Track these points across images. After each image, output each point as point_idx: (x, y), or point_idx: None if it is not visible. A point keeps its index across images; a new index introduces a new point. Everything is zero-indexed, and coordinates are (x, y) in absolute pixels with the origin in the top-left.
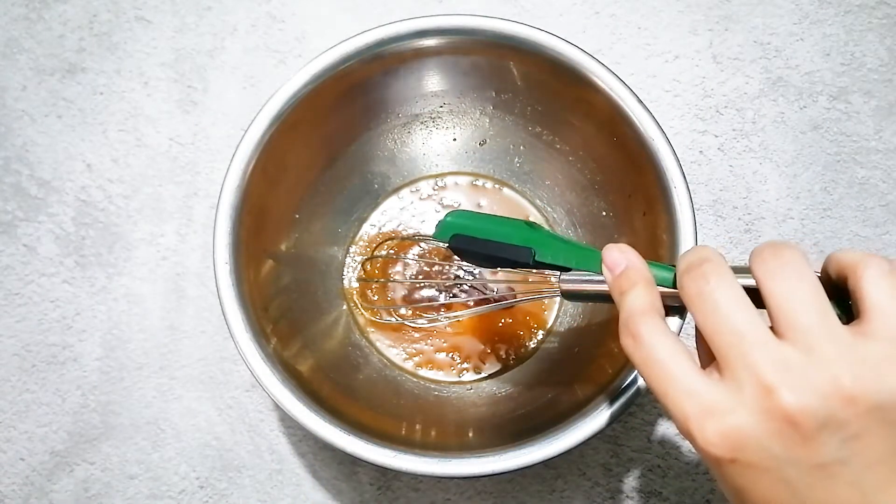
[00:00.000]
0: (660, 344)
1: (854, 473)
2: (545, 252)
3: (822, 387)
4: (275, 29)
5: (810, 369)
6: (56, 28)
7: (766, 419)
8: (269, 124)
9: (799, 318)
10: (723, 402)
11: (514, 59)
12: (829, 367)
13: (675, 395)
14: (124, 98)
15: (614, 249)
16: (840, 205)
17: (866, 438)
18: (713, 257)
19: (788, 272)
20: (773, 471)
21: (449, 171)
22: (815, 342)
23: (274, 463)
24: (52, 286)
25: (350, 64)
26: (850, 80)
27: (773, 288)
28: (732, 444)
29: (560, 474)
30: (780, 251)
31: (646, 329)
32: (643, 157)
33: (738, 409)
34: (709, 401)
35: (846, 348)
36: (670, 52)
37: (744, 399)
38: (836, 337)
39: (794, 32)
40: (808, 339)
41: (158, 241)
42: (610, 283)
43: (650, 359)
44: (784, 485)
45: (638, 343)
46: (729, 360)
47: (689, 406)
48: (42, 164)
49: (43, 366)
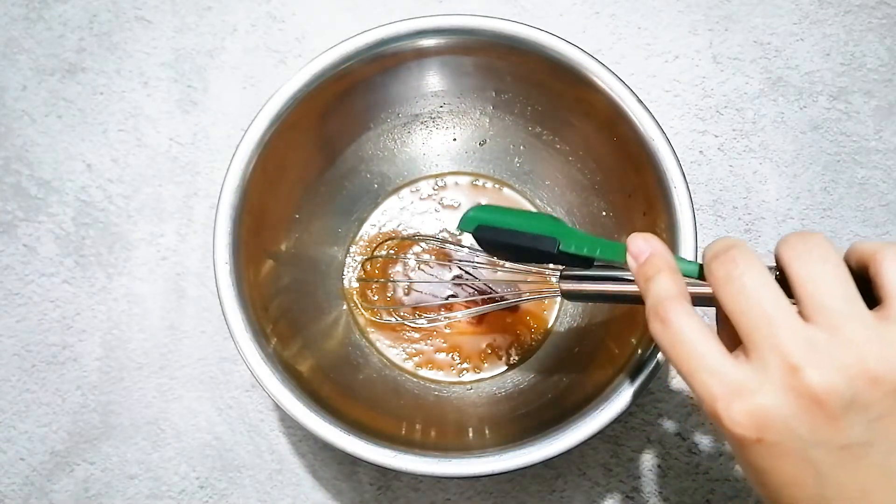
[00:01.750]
0: (688, 326)
1: (880, 455)
2: (569, 242)
3: (848, 367)
4: (275, 29)
5: (836, 350)
6: (56, 28)
7: (792, 398)
8: (269, 124)
9: (825, 300)
10: (749, 381)
11: (514, 59)
12: (855, 348)
13: (702, 376)
14: (124, 98)
15: (639, 238)
16: (840, 205)
17: (892, 420)
18: (741, 244)
19: (815, 256)
20: (798, 451)
21: (449, 171)
22: (840, 323)
23: (274, 463)
24: (52, 286)
25: (350, 64)
26: (850, 80)
27: (800, 270)
28: (758, 423)
29: (560, 474)
30: (806, 237)
31: (675, 313)
32: (643, 157)
33: (765, 388)
34: (736, 381)
35: (871, 330)
36: (670, 52)
37: (770, 378)
38: (861, 319)
39: (794, 32)
40: (833, 321)
41: (158, 241)
42: (635, 271)
43: (679, 341)
44: (809, 466)
45: (667, 326)
46: (755, 340)
47: (717, 386)
48: (42, 164)
49: (43, 366)
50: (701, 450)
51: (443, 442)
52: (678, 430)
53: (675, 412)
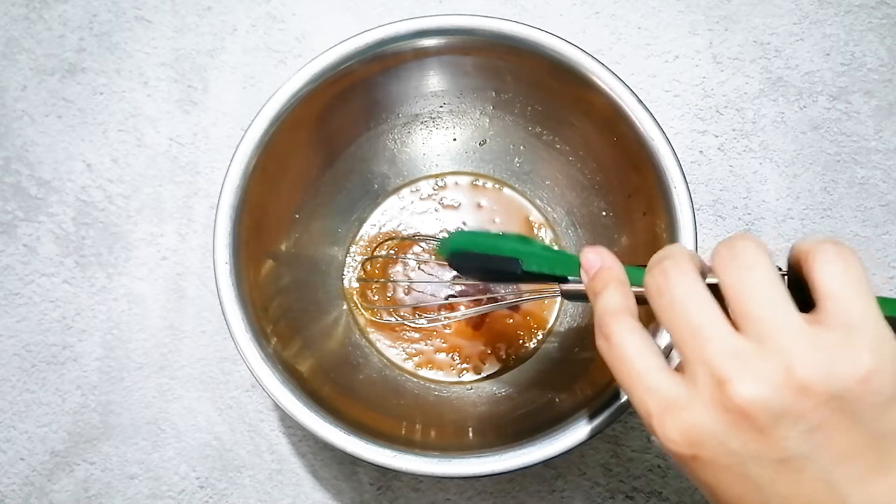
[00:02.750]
0: (629, 342)
1: (821, 468)
2: (531, 262)
3: (774, 377)
4: (275, 29)
5: (763, 360)
6: (56, 28)
7: (720, 413)
8: (269, 124)
9: (750, 308)
10: (681, 397)
11: (514, 59)
12: (782, 357)
13: (639, 392)
14: (124, 98)
15: (590, 252)
16: (840, 205)
17: (828, 431)
18: (676, 254)
19: (740, 263)
20: (735, 466)
21: (449, 170)
22: (767, 332)
23: (274, 463)
24: (52, 286)
25: (350, 64)
26: (850, 80)
27: (726, 280)
28: (691, 440)
29: (560, 474)
30: (733, 243)
31: (616, 328)
32: (643, 157)
33: (694, 403)
34: (669, 397)
35: (799, 337)
36: (670, 52)
37: (699, 393)
38: (789, 326)
39: (794, 32)
40: (760, 329)
41: (158, 241)
42: (586, 286)
43: (618, 357)
44: (747, 481)
45: (609, 342)
46: (685, 354)
47: (651, 402)
48: (42, 164)
49: (43, 366)
50: None
51: (443, 442)
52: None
53: None
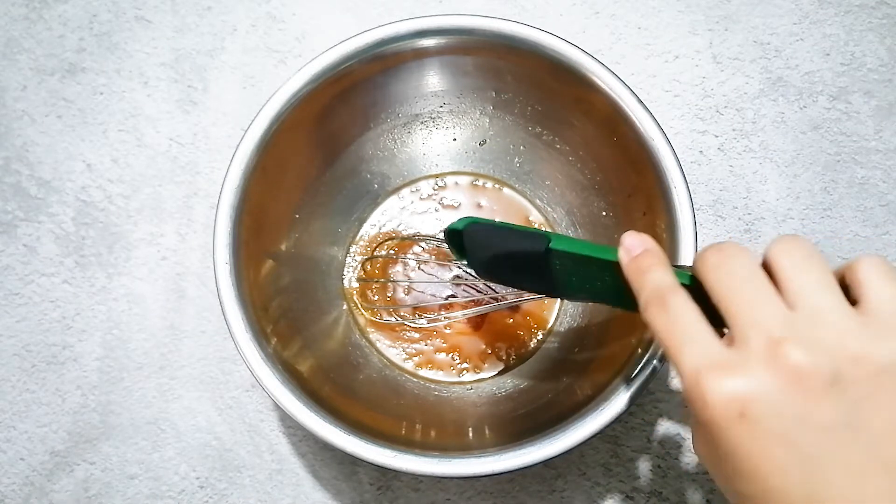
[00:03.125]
0: (688, 310)
1: (868, 440)
2: (559, 241)
3: (828, 344)
4: (275, 29)
5: (818, 330)
6: (56, 28)
7: (774, 373)
8: (269, 124)
9: (805, 289)
10: (734, 358)
11: (514, 59)
12: (836, 330)
13: (691, 349)
14: (124, 98)
15: (633, 234)
16: (840, 205)
17: (878, 403)
18: (726, 242)
19: (797, 252)
20: (781, 431)
21: (449, 170)
22: (820, 310)
23: (274, 463)
24: (52, 286)
25: (350, 64)
26: (850, 80)
27: (784, 262)
28: (741, 399)
29: (560, 474)
30: (795, 239)
31: (676, 300)
32: (643, 157)
33: (750, 363)
34: (722, 358)
35: (850, 317)
36: (670, 52)
37: (753, 354)
38: (841, 307)
39: (794, 32)
40: (814, 307)
41: (158, 241)
42: (626, 264)
43: (674, 321)
44: (791, 448)
45: (667, 311)
46: (740, 321)
47: (704, 361)
48: (42, 164)
49: (43, 366)
50: None
51: (443, 442)
52: (678, 431)
53: (676, 412)
